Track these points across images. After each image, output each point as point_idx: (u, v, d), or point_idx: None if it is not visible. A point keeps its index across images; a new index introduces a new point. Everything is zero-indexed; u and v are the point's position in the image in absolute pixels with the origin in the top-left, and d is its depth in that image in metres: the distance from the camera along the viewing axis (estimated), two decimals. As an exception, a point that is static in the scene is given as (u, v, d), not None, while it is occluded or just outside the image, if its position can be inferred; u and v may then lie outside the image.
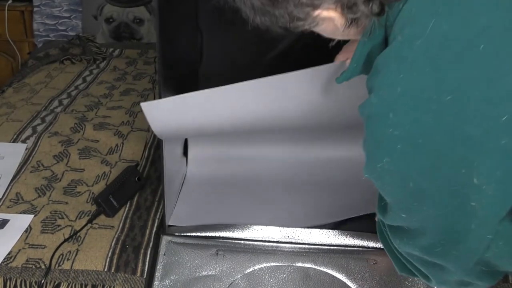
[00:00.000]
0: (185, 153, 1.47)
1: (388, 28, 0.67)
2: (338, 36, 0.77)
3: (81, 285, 1.07)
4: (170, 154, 1.23)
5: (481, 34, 0.55)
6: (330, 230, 1.17)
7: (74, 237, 1.18)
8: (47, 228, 1.20)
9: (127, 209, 1.28)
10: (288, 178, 1.39)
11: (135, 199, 1.31)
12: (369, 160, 0.67)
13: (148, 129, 1.65)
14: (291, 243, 1.17)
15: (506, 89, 0.54)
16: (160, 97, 1.08)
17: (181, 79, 1.36)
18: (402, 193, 0.64)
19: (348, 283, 1.09)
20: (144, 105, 0.99)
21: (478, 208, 0.58)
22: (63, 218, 1.24)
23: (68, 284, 1.07)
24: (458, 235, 0.62)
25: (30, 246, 1.15)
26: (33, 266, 1.10)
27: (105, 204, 1.24)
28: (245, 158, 1.45)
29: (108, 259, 1.12)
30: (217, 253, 1.14)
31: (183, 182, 1.38)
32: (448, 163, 0.58)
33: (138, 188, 1.33)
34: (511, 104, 0.54)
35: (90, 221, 1.22)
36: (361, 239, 1.16)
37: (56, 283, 1.07)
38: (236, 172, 1.42)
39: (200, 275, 1.10)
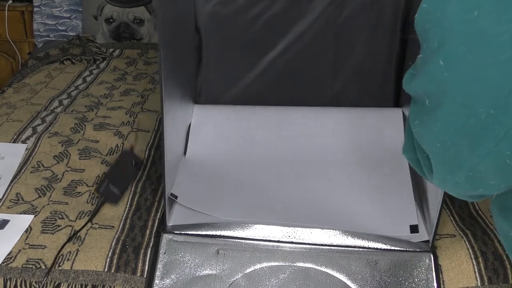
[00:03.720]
0: (185, 152, 1.47)
1: None
2: None
3: (81, 285, 1.07)
4: (171, 154, 1.23)
5: None
6: (331, 230, 1.17)
7: (74, 236, 1.17)
8: (47, 229, 1.20)
9: (127, 209, 1.28)
10: (290, 177, 1.39)
11: (136, 199, 1.32)
12: None
13: (149, 129, 1.65)
14: (292, 242, 1.17)
15: None
16: (161, 96, 1.08)
17: (181, 80, 1.36)
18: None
19: (349, 283, 1.09)
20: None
21: None
22: (63, 218, 1.24)
23: (68, 285, 1.07)
24: (501, 89, 0.57)
25: (30, 247, 1.15)
26: (33, 267, 1.10)
27: (107, 193, 1.25)
28: (246, 157, 1.45)
29: (108, 259, 1.12)
30: (218, 252, 1.14)
31: (184, 181, 1.38)
32: None
33: (136, 172, 1.32)
34: None
35: (94, 215, 1.23)
36: (362, 239, 1.16)
37: (56, 283, 1.07)
38: (236, 170, 1.42)
39: (201, 274, 1.10)
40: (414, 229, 1.20)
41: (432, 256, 1.13)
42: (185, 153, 1.46)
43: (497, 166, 0.61)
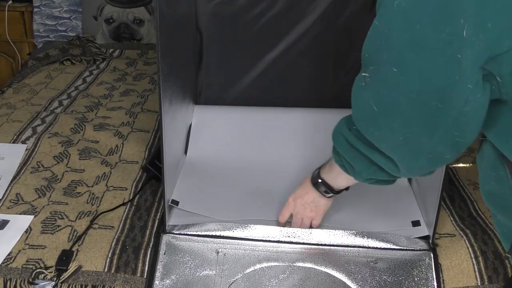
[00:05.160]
0: (185, 151, 1.47)
1: None
2: None
3: (81, 285, 1.07)
4: (170, 154, 1.23)
5: None
6: (330, 230, 1.17)
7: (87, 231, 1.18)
8: (47, 229, 1.20)
9: (127, 209, 1.28)
10: (291, 178, 1.39)
11: (135, 199, 1.32)
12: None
13: (149, 130, 1.65)
14: (292, 242, 1.17)
15: None
16: (160, 97, 1.08)
17: (181, 83, 1.37)
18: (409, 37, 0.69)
19: (349, 283, 1.09)
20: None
21: (463, 59, 0.66)
22: (63, 218, 1.24)
23: (69, 285, 1.07)
24: (444, 86, 0.69)
25: (30, 247, 1.15)
26: (33, 267, 1.10)
27: (154, 168, 1.31)
28: (246, 158, 1.45)
29: (108, 260, 1.12)
30: (218, 253, 1.14)
31: (183, 180, 1.38)
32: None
33: None
34: None
35: (141, 189, 1.32)
36: (362, 238, 1.16)
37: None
38: (237, 171, 1.42)
39: (201, 274, 1.10)
40: (416, 223, 1.20)
41: (432, 255, 1.13)
42: (185, 153, 1.46)
43: (451, 144, 0.76)
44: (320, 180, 1.10)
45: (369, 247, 1.15)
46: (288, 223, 1.20)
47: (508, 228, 0.80)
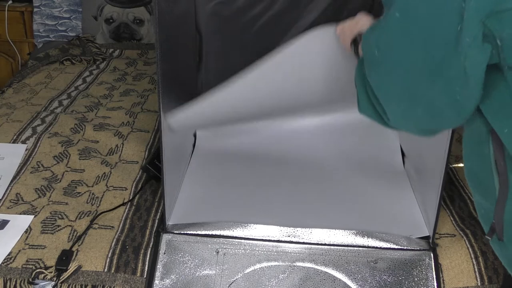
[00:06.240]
0: (185, 150, 1.47)
1: None
2: None
3: (81, 285, 1.07)
4: (170, 154, 1.23)
5: None
6: (330, 230, 1.17)
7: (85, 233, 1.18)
8: (47, 229, 1.20)
9: (127, 209, 1.28)
10: (291, 178, 1.39)
11: (135, 199, 1.32)
12: None
13: (148, 130, 1.65)
14: (292, 242, 1.17)
15: None
16: (159, 97, 1.08)
17: (181, 82, 1.37)
18: None
19: (349, 283, 1.09)
20: (172, 122, 1.14)
21: (466, 9, 0.65)
22: (63, 218, 1.24)
23: (68, 285, 1.07)
24: (446, 35, 0.68)
25: (30, 247, 1.15)
26: (33, 267, 1.10)
27: (154, 168, 1.32)
28: (249, 156, 1.46)
29: (108, 260, 1.12)
30: (218, 252, 1.14)
31: (183, 180, 1.38)
32: None
33: None
34: None
35: (141, 188, 1.32)
36: (362, 238, 1.16)
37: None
38: (239, 168, 1.42)
39: (201, 274, 1.10)
40: (417, 225, 1.21)
41: (432, 255, 1.13)
42: (191, 154, 1.47)
43: (451, 101, 0.72)
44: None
45: (369, 247, 1.15)
46: (288, 224, 1.20)
47: (486, 209, 0.79)
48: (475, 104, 0.72)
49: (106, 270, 1.10)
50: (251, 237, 1.17)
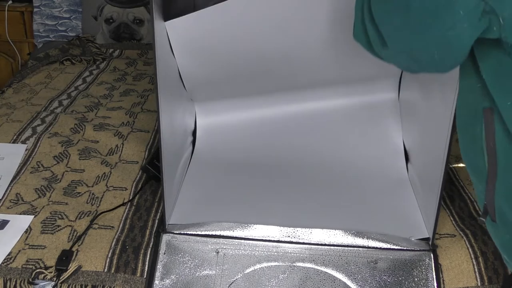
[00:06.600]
0: (185, 151, 1.47)
1: None
2: None
3: (81, 285, 1.07)
4: (169, 154, 1.23)
5: None
6: (330, 230, 1.17)
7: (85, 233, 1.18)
8: (47, 229, 1.20)
9: (127, 209, 1.28)
10: (291, 178, 1.39)
11: (135, 199, 1.32)
12: None
13: (148, 130, 1.65)
14: (292, 242, 1.17)
15: None
16: (158, 97, 1.08)
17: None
18: None
19: (348, 283, 1.09)
20: (168, 24, 1.18)
21: None
22: (63, 218, 1.24)
23: (68, 285, 1.07)
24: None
25: (30, 247, 1.15)
26: (33, 267, 1.10)
27: (154, 168, 1.33)
28: (249, 156, 1.46)
29: (108, 260, 1.12)
30: (218, 252, 1.14)
31: (183, 180, 1.38)
32: None
33: None
34: None
35: (141, 189, 1.33)
36: (362, 239, 1.16)
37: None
38: (239, 169, 1.42)
39: (201, 274, 1.10)
40: (417, 227, 1.20)
41: (432, 255, 1.13)
42: (191, 154, 1.47)
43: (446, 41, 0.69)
44: None
45: (369, 247, 1.15)
46: (288, 224, 1.20)
47: (479, 190, 0.79)
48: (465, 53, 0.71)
49: (106, 270, 1.10)
50: (251, 237, 1.17)
